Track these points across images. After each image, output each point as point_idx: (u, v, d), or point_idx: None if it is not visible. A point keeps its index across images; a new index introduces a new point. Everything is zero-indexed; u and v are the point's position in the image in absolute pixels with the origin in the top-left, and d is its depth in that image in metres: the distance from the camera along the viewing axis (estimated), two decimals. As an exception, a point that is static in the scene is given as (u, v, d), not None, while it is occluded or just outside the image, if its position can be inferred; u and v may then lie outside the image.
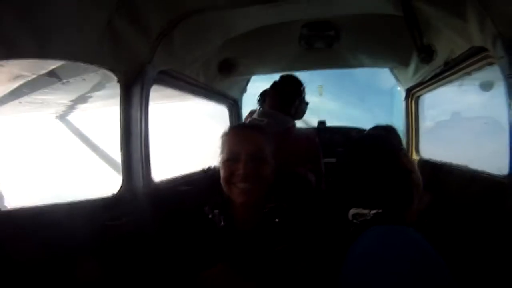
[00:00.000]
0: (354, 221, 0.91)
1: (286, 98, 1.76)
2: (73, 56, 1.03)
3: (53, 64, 1.21)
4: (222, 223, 1.13)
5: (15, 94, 1.31)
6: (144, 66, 1.26)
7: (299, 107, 1.78)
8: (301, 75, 1.91)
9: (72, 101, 1.65)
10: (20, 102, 1.33)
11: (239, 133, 1.16)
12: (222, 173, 1.10)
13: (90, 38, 1.01)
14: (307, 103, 1.85)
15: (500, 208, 1.14)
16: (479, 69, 1.39)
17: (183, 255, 1.16)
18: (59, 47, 0.93)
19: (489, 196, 1.25)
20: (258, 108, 1.89)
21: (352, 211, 0.92)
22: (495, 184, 1.26)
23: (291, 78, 1.86)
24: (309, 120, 3.28)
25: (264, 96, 1.86)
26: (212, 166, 1.59)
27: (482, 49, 1.23)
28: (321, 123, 3.47)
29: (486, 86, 1.74)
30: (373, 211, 0.88)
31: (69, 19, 0.90)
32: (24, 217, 0.84)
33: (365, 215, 0.89)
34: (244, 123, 2.06)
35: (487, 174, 1.36)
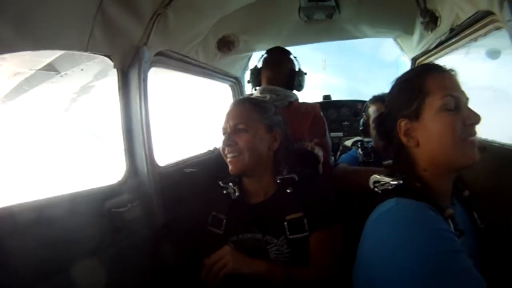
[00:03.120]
0: (375, 189, 0.85)
1: (281, 70, 1.73)
2: (66, 45, 1.00)
3: (48, 57, 1.19)
4: (237, 193, 1.21)
5: (16, 92, 1.31)
6: (140, 49, 1.23)
7: (298, 78, 1.75)
8: (304, 52, 1.87)
9: (75, 93, 1.64)
10: (22, 100, 1.32)
11: (229, 110, 1.23)
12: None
13: (81, 25, 0.99)
14: (305, 73, 1.80)
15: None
16: (485, 34, 1.33)
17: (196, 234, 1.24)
18: (50, 37, 0.91)
19: (501, 166, 1.23)
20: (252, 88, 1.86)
21: (373, 178, 0.87)
22: (507, 153, 1.24)
23: (278, 49, 1.83)
24: (313, 95, 3.25)
25: (257, 74, 1.81)
26: (218, 146, 1.59)
27: (488, 13, 1.18)
28: (326, 97, 3.44)
29: (493, 54, 1.68)
30: (394, 182, 0.81)
31: (58, 7, 0.88)
32: (27, 210, 0.84)
33: (387, 184, 0.82)
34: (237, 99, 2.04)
35: (498, 144, 1.33)
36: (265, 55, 1.81)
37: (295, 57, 1.81)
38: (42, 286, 0.85)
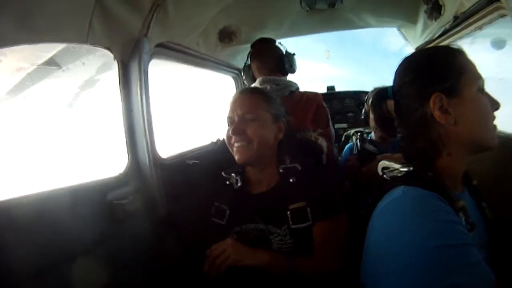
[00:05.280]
0: (384, 176, 0.83)
1: (269, 57, 1.71)
2: (65, 38, 1.00)
3: (49, 52, 1.19)
4: (239, 183, 1.21)
5: (19, 89, 1.31)
6: (140, 40, 1.23)
7: (288, 59, 1.72)
8: (307, 43, 1.84)
9: (78, 87, 1.64)
10: (24, 97, 1.32)
11: (234, 99, 1.22)
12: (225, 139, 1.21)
13: (80, 17, 0.98)
14: (293, 54, 1.77)
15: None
16: (490, 22, 1.31)
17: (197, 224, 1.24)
18: (49, 30, 0.91)
19: (506, 156, 1.21)
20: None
21: (382, 164, 0.84)
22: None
23: (261, 39, 1.81)
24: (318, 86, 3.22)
25: (248, 70, 1.80)
26: (221, 138, 1.59)
27: (493, 0, 1.16)
28: (330, 89, 3.42)
29: (499, 44, 1.64)
30: (404, 169, 0.77)
31: (56, 0, 0.87)
32: (30, 203, 0.85)
33: (396, 171, 0.79)
34: (243, 88, 2.03)
35: (503, 134, 1.32)
36: (251, 50, 1.79)
37: (280, 43, 1.78)
38: (46, 277, 0.86)
